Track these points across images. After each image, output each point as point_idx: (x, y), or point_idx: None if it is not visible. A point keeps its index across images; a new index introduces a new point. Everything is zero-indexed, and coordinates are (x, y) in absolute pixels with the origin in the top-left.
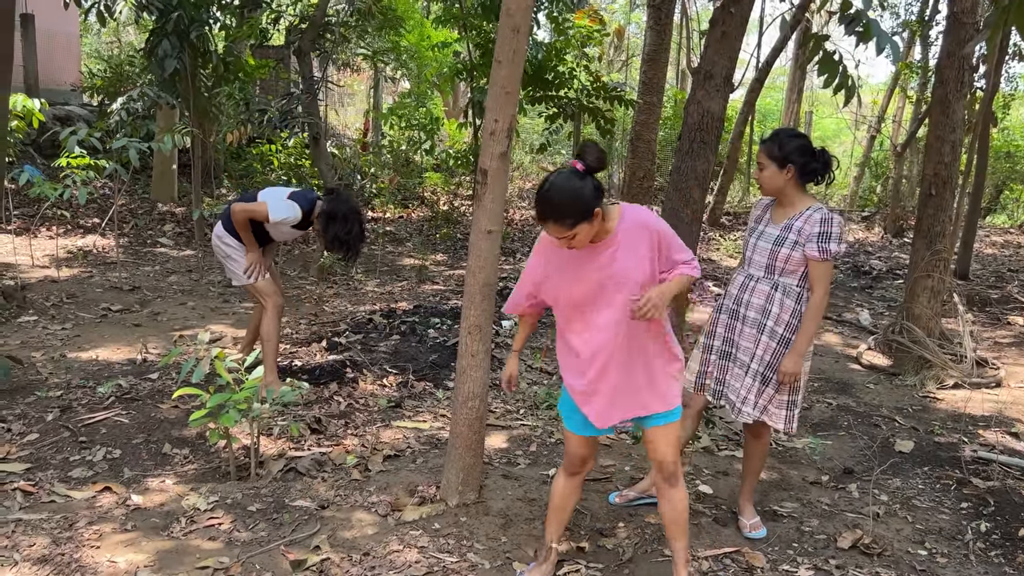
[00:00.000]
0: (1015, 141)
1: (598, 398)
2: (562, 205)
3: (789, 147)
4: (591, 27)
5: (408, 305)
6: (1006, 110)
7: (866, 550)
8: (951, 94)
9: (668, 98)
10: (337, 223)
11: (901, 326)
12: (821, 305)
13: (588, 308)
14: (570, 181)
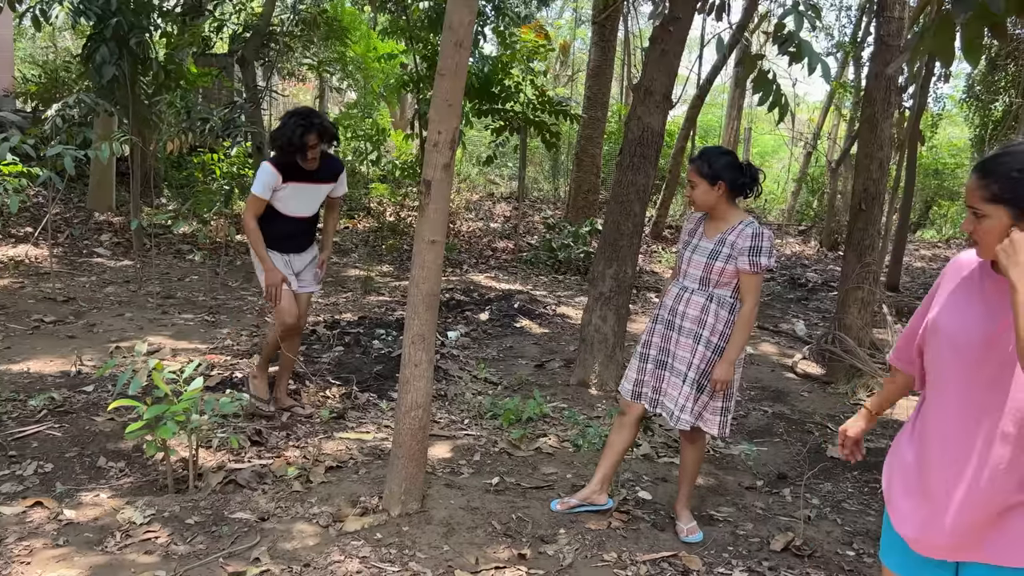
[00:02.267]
0: (943, 159)
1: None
2: (1004, 161)
3: (718, 164)
4: (537, 42)
5: (353, 316)
6: (934, 129)
7: (798, 552)
8: (879, 113)
9: (612, 113)
10: (279, 128)
11: (833, 336)
12: (751, 315)
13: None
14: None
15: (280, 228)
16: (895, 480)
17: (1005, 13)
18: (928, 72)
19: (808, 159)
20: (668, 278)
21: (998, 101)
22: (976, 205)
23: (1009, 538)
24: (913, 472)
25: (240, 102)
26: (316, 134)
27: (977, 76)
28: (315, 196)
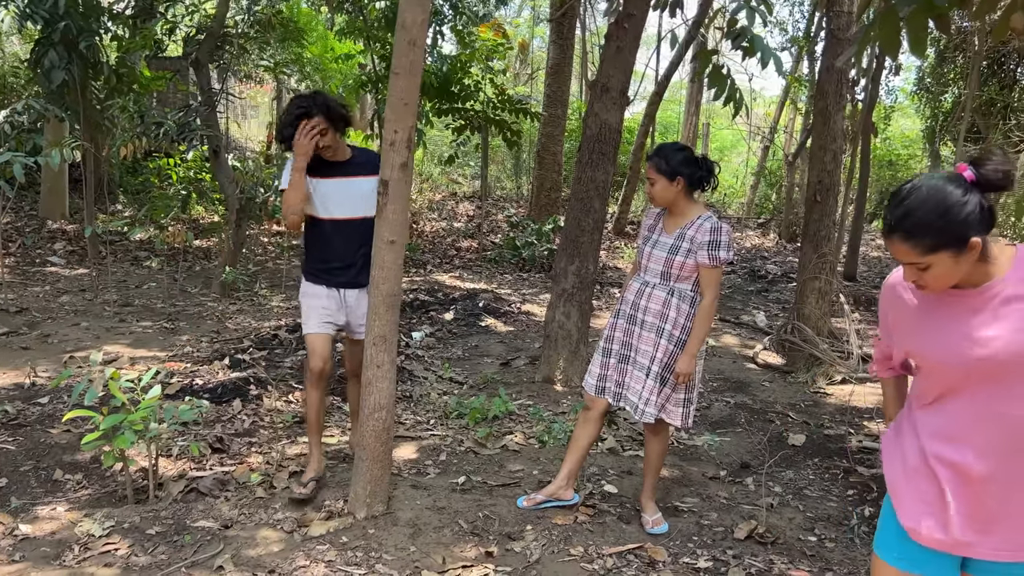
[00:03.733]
0: (896, 150)
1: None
2: (920, 216)
3: (675, 160)
4: (496, 40)
5: None
6: (887, 121)
7: (761, 539)
8: (831, 106)
9: (573, 110)
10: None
11: (792, 326)
12: (711, 308)
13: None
14: (945, 188)
15: (324, 244)
16: (906, 487)
17: (948, 5)
18: (879, 65)
19: (766, 153)
20: (628, 273)
21: (948, 93)
22: (916, 261)
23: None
24: (929, 478)
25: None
26: (321, 116)
27: (927, 68)
28: (356, 192)
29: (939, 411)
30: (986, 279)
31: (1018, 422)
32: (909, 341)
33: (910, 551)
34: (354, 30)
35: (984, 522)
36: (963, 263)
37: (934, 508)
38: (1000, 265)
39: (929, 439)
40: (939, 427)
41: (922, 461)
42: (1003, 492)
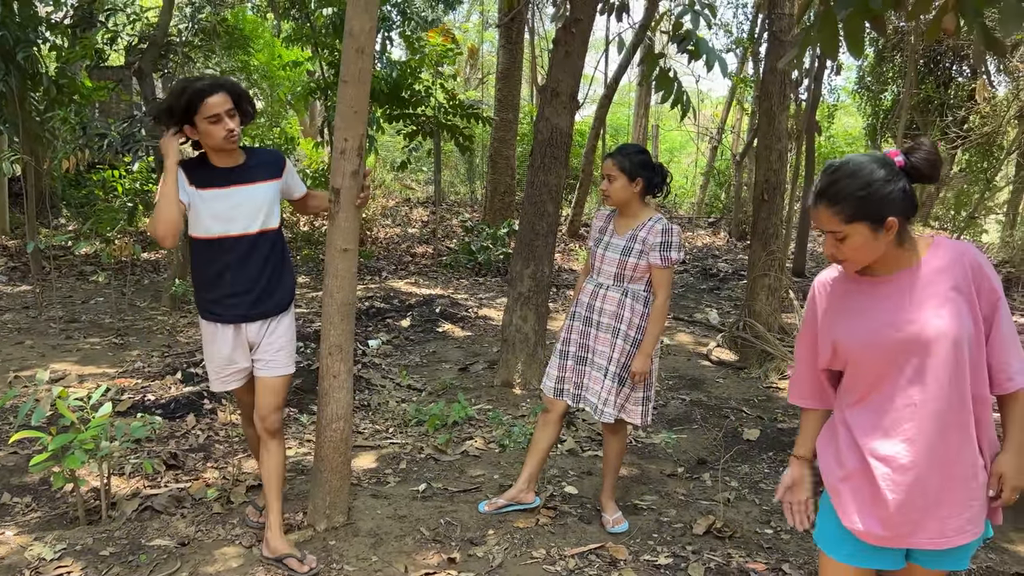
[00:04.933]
0: (840, 148)
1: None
2: (844, 185)
3: (637, 161)
4: (445, 46)
5: None
6: (830, 120)
7: (719, 534)
8: (775, 106)
9: (524, 115)
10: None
11: (744, 323)
12: (664, 308)
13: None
14: (871, 165)
15: (215, 270)
16: (845, 485)
17: (883, 7)
18: (821, 65)
19: (714, 153)
20: (580, 274)
21: (887, 91)
22: (835, 229)
23: (965, 516)
24: (864, 476)
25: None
26: (224, 93)
27: (867, 68)
28: (253, 202)
29: (868, 407)
30: (906, 265)
31: (941, 410)
32: (835, 331)
33: (856, 547)
34: (301, 37)
35: (921, 511)
36: (880, 241)
37: (872, 504)
38: (918, 253)
39: (862, 435)
40: (870, 423)
41: (858, 459)
42: (935, 480)
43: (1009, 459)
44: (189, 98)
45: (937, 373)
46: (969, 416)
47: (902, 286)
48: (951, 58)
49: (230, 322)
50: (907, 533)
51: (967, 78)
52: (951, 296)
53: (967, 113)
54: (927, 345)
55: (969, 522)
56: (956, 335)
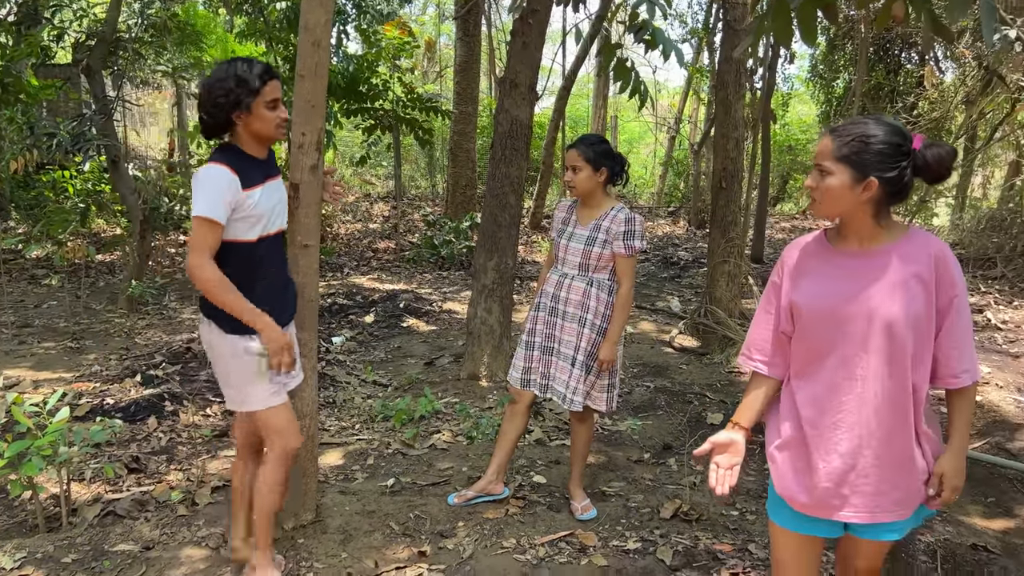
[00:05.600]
0: (795, 135)
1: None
2: (855, 127)
3: (599, 151)
4: (402, 39)
5: None
6: (785, 108)
7: (686, 517)
8: (731, 95)
9: (483, 107)
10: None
11: (705, 309)
12: (629, 296)
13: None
14: (892, 128)
15: (253, 276)
16: (780, 454)
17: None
18: (775, 54)
19: (672, 143)
20: (544, 265)
21: (839, 79)
22: (824, 163)
23: (891, 496)
24: (800, 445)
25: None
26: (278, 81)
27: (819, 56)
28: (281, 196)
29: (811, 378)
30: (877, 245)
31: (880, 390)
32: (795, 292)
33: (793, 513)
34: (255, 32)
35: (850, 485)
36: (854, 196)
37: (803, 473)
38: (892, 236)
39: (802, 405)
40: (811, 393)
41: (796, 427)
42: (867, 457)
43: (950, 460)
44: (260, 75)
45: (881, 354)
46: (907, 400)
47: (867, 264)
48: (900, 45)
49: (282, 325)
50: (835, 505)
51: (916, 65)
52: (911, 284)
53: (916, 99)
54: (876, 324)
55: (897, 503)
56: (905, 321)
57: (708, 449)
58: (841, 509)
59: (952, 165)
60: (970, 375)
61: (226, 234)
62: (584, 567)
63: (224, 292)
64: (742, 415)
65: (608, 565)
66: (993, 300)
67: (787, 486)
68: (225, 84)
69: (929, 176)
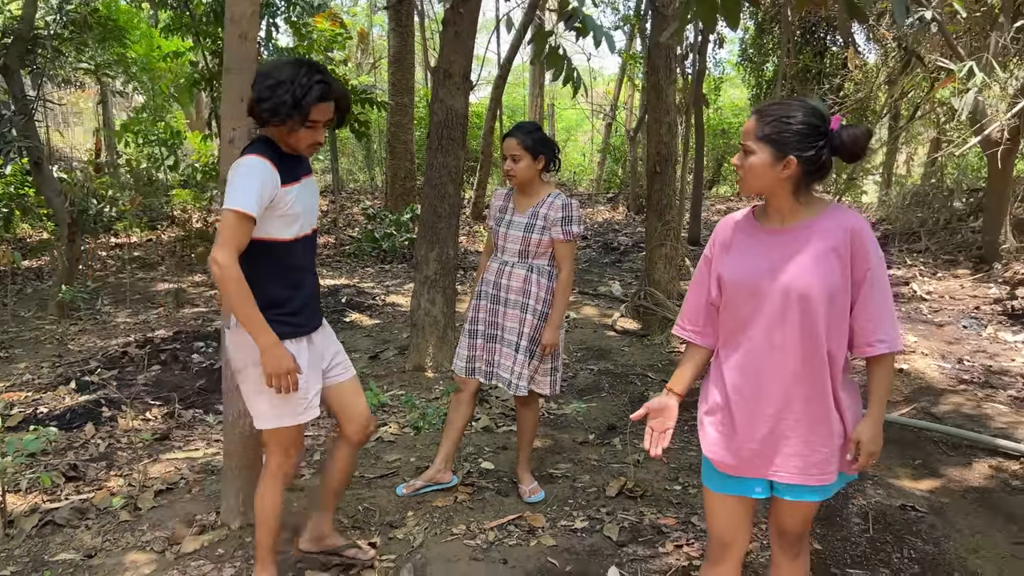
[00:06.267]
0: (727, 119)
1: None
2: (777, 108)
3: (537, 138)
4: (333, 31)
5: (167, 332)
6: (717, 92)
7: (631, 494)
8: (663, 80)
9: (420, 98)
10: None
11: (645, 292)
12: (569, 280)
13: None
14: (812, 110)
15: (291, 278)
16: (708, 418)
17: None
18: (704, 39)
19: (609, 130)
20: (483, 254)
21: (768, 62)
22: (748, 142)
23: (810, 459)
24: (724, 410)
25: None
26: (334, 101)
27: (748, 40)
28: (316, 195)
29: (737, 347)
30: (798, 221)
31: (799, 357)
32: (723, 266)
33: (721, 476)
34: (180, 26)
35: (771, 447)
36: (775, 174)
37: (727, 436)
38: (812, 212)
39: (728, 373)
40: (735, 361)
41: (721, 393)
42: (788, 420)
43: (866, 427)
44: (317, 97)
45: (798, 325)
46: (823, 368)
47: (788, 239)
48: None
49: (304, 335)
50: (757, 465)
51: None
52: (828, 258)
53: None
54: (792, 297)
55: (815, 465)
56: (821, 294)
57: (643, 413)
58: (765, 470)
59: (867, 145)
60: (886, 345)
61: (260, 232)
62: (534, 548)
63: (239, 295)
64: (676, 382)
65: (557, 545)
66: (918, 272)
67: (714, 449)
68: (280, 96)
69: (846, 155)
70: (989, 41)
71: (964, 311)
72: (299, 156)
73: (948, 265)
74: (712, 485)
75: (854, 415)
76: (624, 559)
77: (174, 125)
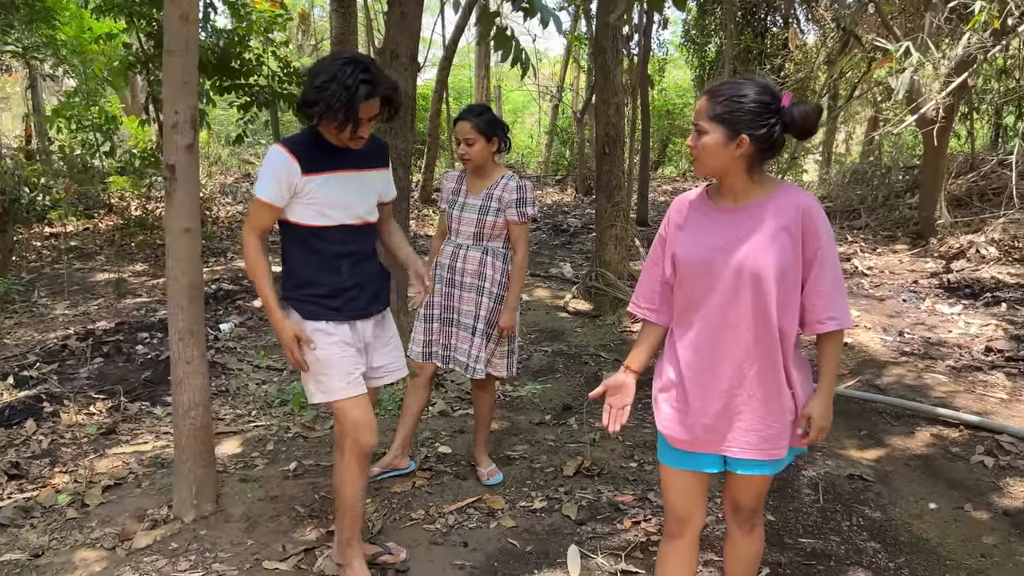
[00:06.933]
0: (672, 100)
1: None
2: (728, 87)
3: (489, 120)
4: (273, 11)
5: (109, 323)
6: (661, 73)
7: (587, 473)
8: (609, 61)
9: None
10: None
11: (596, 273)
12: (524, 262)
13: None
14: (762, 88)
15: (322, 263)
16: (662, 395)
17: None
18: (649, 20)
19: (556, 111)
20: (435, 238)
21: (711, 43)
22: (700, 122)
23: (763, 434)
24: (678, 387)
25: None
26: (381, 99)
27: (691, 22)
28: (366, 190)
29: (690, 325)
30: (751, 200)
31: (751, 335)
32: (677, 244)
33: (676, 452)
34: (113, 7)
35: (724, 422)
36: (728, 153)
37: (680, 411)
38: (764, 191)
39: (682, 350)
40: (688, 338)
41: (675, 369)
42: (741, 396)
43: (817, 402)
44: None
45: (750, 302)
46: (775, 345)
47: (741, 218)
48: (766, 9)
49: (348, 319)
50: (710, 440)
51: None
52: (780, 237)
53: (783, 61)
54: (745, 275)
55: (767, 440)
56: (773, 272)
57: (602, 391)
58: (718, 445)
59: (817, 121)
60: (836, 322)
61: (292, 215)
62: (494, 530)
63: (252, 271)
64: (632, 359)
65: (517, 526)
66: (859, 248)
67: (669, 425)
68: (331, 93)
69: (797, 132)
70: (924, 21)
71: (903, 285)
72: (343, 149)
73: (887, 241)
74: (667, 460)
75: (805, 391)
76: (583, 537)
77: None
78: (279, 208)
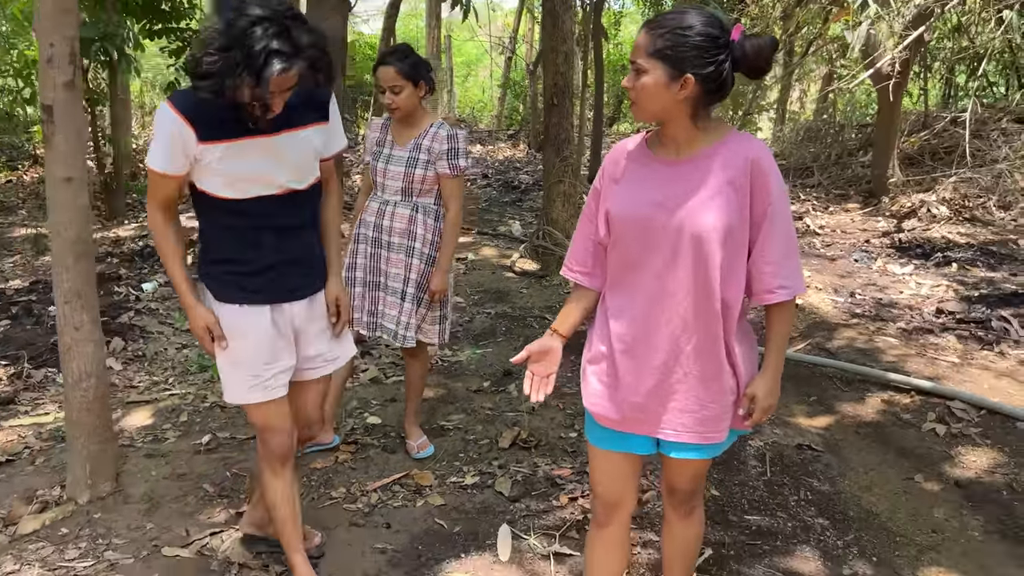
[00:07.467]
0: (627, 55)
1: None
2: (671, 18)
3: (415, 62)
4: None
5: (22, 282)
6: (617, 27)
7: (524, 445)
8: (558, 6)
9: None
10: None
11: (543, 231)
12: (457, 220)
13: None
14: (710, 19)
15: (240, 237)
16: (590, 367)
17: None
18: None
19: (509, 64)
20: (360, 193)
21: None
22: (639, 60)
23: (699, 416)
24: (608, 360)
25: None
26: (302, 67)
27: None
28: (291, 154)
29: (623, 291)
30: (695, 151)
31: (689, 305)
32: (612, 199)
33: (603, 431)
34: None
35: (656, 401)
36: (670, 95)
37: (612, 389)
38: (710, 140)
39: (613, 319)
40: (620, 306)
41: (605, 340)
42: (676, 373)
43: (762, 381)
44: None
45: (690, 267)
46: (716, 317)
47: (685, 171)
48: None
49: (270, 302)
50: (641, 420)
51: None
52: (725, 192)
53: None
54: (685, 236)
55: (702, 423)
56: (717, 233)
57: (525, 357)
58: (650, 425)
59: (772, 56)
60: (787, 291)
61: (201, 183)
62: (420, 509)
63: (160, 248)
64: (561, 322)
65: (445, 504)
66: (812, 207)
67: (596, 402)
68: (231, 66)
69: (749, 69)
70: None
71: (855, 244)
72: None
73: (839, 199)
74: (595, 440)
75: (749, 367)
76: (516, 515)
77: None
78: (179, 176)
